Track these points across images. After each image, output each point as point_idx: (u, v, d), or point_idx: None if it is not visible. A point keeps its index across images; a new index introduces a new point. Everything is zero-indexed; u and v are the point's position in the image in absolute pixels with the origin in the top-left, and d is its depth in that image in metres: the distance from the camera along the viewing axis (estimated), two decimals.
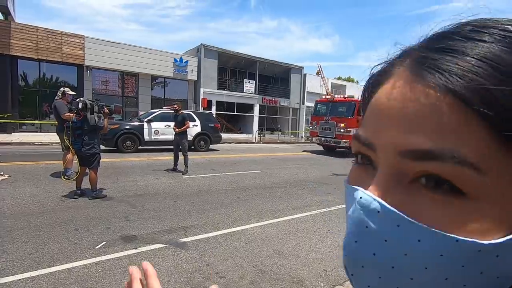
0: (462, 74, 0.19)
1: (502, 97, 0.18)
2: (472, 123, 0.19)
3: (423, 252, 0.20)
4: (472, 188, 0.19)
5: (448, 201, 0.20)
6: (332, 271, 2.83)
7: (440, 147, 0.19)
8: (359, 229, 0.23)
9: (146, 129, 10.34)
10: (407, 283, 0.22)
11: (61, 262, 2.71)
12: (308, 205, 4.92)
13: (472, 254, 0.19)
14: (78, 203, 4.36)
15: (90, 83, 15.98)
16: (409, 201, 0.21)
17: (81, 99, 4.47)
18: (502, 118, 0.18)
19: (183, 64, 18.64)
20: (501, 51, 0.19)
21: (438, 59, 0.21)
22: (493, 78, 0.18)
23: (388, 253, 0.22)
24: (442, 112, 0.19)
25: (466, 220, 0.20)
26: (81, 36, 15.27)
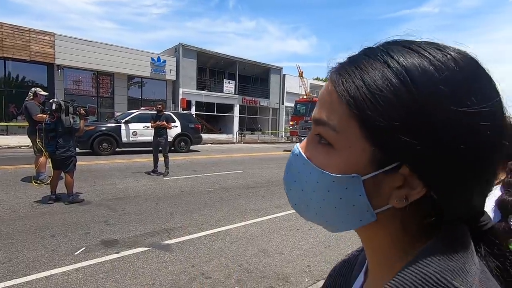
0: (345, 78, 0.31)
1: (355, 92, 0.30)
2: (342, 107, 0.31)
3: (311, 180, 0.34)
4: (335, 141, 0.32)
5: (326, 150, 0.33)
6: (315, 266, 2.92)
7: (322, 118, 0.33)
8: (289, 165, 0.37)
9: (123, 130, 10.04)
10: (309, 201, 0.35)
11: (38, 270, 2.59)
12: None
13: (330, 183, 0.32)
14: (54, 209, 4.17)
15: (61, 82, 15.25)
16: (313, 151, 0.34)
17: (54, 100, 4.28)
18: (352, 102, 0.30)
19: (160, 64, 18.25)
20: (369, 66, 0.30)
21: (341, 68, 0.33)
22: (360, 86, 0.30)
23: (299, 180, 0.35)
24: (330, 99, 0.32)
25: (329, 161, 0.32)
26: (51, 34, 14.53)
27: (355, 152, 0.30)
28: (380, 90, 0.28)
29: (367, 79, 0.29)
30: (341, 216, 0.33)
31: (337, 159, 0.31)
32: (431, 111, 0.27)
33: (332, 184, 0.32)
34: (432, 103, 0.27)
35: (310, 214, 0.36)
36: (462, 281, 0.26)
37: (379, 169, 0.30)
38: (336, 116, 0.31)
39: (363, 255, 0.46)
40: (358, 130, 0.30)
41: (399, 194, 0.30)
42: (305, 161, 0.34)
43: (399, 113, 0.27)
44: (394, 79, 0.28)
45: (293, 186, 0.36)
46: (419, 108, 0.27)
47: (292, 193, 0.37)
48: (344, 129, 0.31)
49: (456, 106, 0.26)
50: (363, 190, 0.30)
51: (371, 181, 0.30)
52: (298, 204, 0.37)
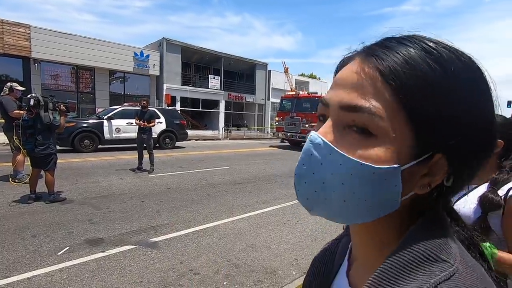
0: (387, 60, 0.30)
1: (403, 76, 0.29)
2: (384, 89, 0.30)
3: (341, 172, 0.31)
4: (378, 130, 0.30)
5: (364, 140, 0.30)
6: (302, 260, 2.98)
7: (362, 104, 0.30)
8: (306, 156, 0.33)
9: (106, 126, 9.76)
10: (331, 194, 0.32)
11: (19, 271, 2.51)
12: (277, 199, 5.06)
13: (369, 175, 0.30)
14: (34, 208, 4.03)
15: (38, 77, 14.59)
16: (341, 139, 0.32)
17: (32, 95, 4.10)
18: (399, 87, 0.29)
19: (144, 59, 17.80)
20: (412, 51, 0.30)
21: (377, 51, 0.31)
22: (401, 65, 0.29)
23: (321, 172, 0.32)
24: (369, 81, 0.30)
25: (370, 152, 0.30)
26: (26, 26, 13.83)
27: (399, 141, 0.30)
28: (427, 76, 0.28)
29: (412, 63, 0.29)
30: (367, 208, 0.32)
31: (378, 149, 0.30)
32: (468, 101, 0.29)
33: (371, 177, 0.30)
34: (469, 94, 0.29)
35: (327, 208, 0.33)
36: (447, 254, 0.30)
37: (418, 158, 0.30)
38: (380, 101, 0.29)
39: (345, 242, 0.47)
40: (404, 118, 0.29)
41: (424, 181, 0.32)
42: (333, 151, 0.31)
43: (444, 102, 0.29)
44: (437, 67, 0.29)
45: (310, 179, 0.33)
46: (459, 98, 0.29)
47: (306, 187, 0.33)
48: (391, 116, 0.29)
49: (485, 99, 0.30)
50: (400, 181, 0.30)
51: (406, 171, 0.30)
52: (311, 199, 0.34)
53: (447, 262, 0.29)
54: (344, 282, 0.42)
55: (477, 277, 0.29)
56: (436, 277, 0.28)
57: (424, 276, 0.29)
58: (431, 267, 0.29)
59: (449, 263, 0.29)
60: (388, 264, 0.31)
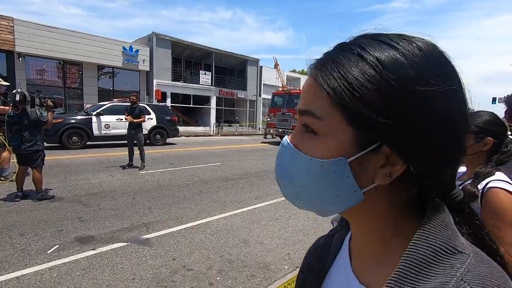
0: (324, 71, 0.34)
1: (335, 83, 0.33)
2: (324, 98, 0.34)
3: (301, 168, 0.36)
4: (320, 129, 0.34)
5: (312, 138, 0.35)
6: (295, 254, 3.01)
7: (307, 108, 0.35)
8: (279, 156, 0.39)
9: (95, 123, 9.58)
10: (301, 189, 0.36)
11: (7, 270, 2.46)
12: (269, 194, 5.09)
13: (319, 168, 0.34)
14: (21, 206, 3.94)
15: (23, 72, 14.14)
16: (301, 140, 0.36)
17: (18, 91, 3.99)
18: (334, 93, 0.33)
19: (133, 53, 17.46)
20: (346, 60, 0.33)
21: (319, 63, 0.35)
22: (335, 75, 0.33)
23: (290, 170, 0.37)
24: (312, 91, 0.35)
25: (316, 148, 0.34)
26: (9, 18, 13.36)
27: (339, 136, 0.33)
28: (357, 79, 0.31)
29: (344, 71, 0.32)
30: (332, 199, 0.35)
31: (323, 145, 0.34)
32: (402, 94, 0.30)
33: (321, 169, 0.34)
34: (402, 86, 0.30)
35: (304, 202, 0.37)
36: (461, 244, 0.31)
37: (363, 150, 0.32)
38: (319, 105, 0.34)
39: (338, 238, 0.48)
40: (340, 117, 0.33)
41: (383, 172, 0.33)
42: (293, 150, 0.36)
43: (375, 99, 0.31)
44: (369, 70, 0.31)
45: (285, 176, 0.38)
46: (392, 92, 0.30)
47: (284, 184, 0.38)
48: (328, 117, 0.33)
49: (422, 86, 0.30)
50: (350, 172, 0.33)
51: (356, 163, 0.33)
52: (291, 194, 0.38)
53: (463, 253, 0.30)
54: (345, 277, 0.42)
55: (492, 265, 0.30)
56: (459, 270, 0.29)
57: (446, 270, 0.29)
58: (449, 260, 0.30)
59: (466, 254, 0.30)
60: (407, 261, 0.31)
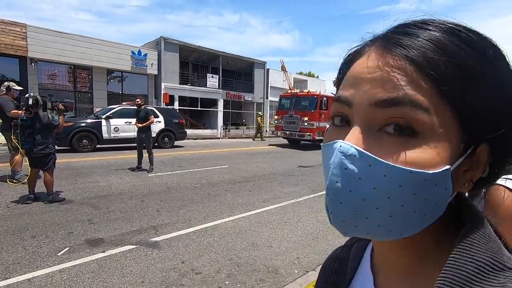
0: (417, 48, 0.27)
1: (442, 66, 0.26)
2: (422, 80, 0.26)
3: (387, 185, 0.27)
4: (423, 126, 0.26)
5: (406, 141, 0.26)
6: (304, 258, 2.97)
7: (401, 95, 0.26)
8: (339, 171, 0.28)
9: (104, 126, 9.71)
10: (374, 212, 0.28)
11: (19, 272, 2.48)
12: (278, 197, 5.05)
13: (420, 183, 0.26)
14: (33, 209, 3.99)
15: (35, 77, 14.48)
16: (377, 146, 0.27)
17: (31, 95, 4.07)
18: (441, 78, 0.26)
19: (141, 57, 17.71)
20: (440, 36, 0.27)
21: (400, 39, 0.28)
22: (436, 52, 0.26)
23: (361, 188, 0.27)
24: (403, 73, 0.26)
25: (418, 155, 0.26)
26: (22, 25, 13.72)
27: (447, 137, 0.26)
28: (464, 62, 0.26)
29: (445, 48, 0.26)
30: (415, 219, 0.28)
31: (426, 149, 0.26)
32: (507, 85, 0.27)
33: (423, 184, 0.26)
34: (505, 76, 0.27)
35: (367, 228, 0.29)
36: (509, 259, 0.27)
37: (463, 154, 0.27)
38: (422, 92, 0.26)
39: (357, 249, 0.44)
40: (449, 111, 0.26)
41: (466, 177, 0.28)
42: (374, 161, 0.27)
43: (486, 90, 0.26)
44: (471, 51, 0.26)
45: (347, 197, 0.28)
46: (498, 83, 0.27)
47: (342, 207, 0.28)
48: (437, 109, 0.26)
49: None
50: (451, 184, 0.27)
51: (454, 171, 0.27)
52: (349, 220, 0.29)
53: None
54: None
55: None
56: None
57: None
58: (498, 278, 0.25)
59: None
60: (447, 278, 0.26)
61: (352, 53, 0.33)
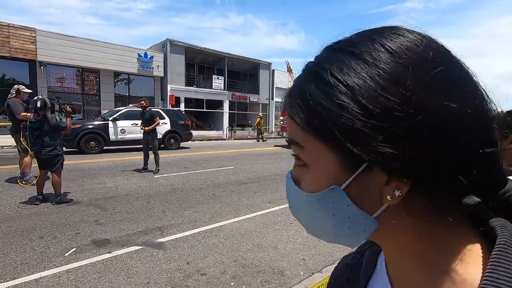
0: (295, 107, 0.31)
1: (305, 113, 0.30)
2: (297, 127, 0.31)
3: (301, 202, 0.33)
4: (305, 159, 0.32)
5: (303, 170, 0.33)
6: (310, 260, 2.94)
7: (290, 137, 0.33)
8: (288, 192, 0.37)
9: (111, 128, 9.83)
10: (313, 223, 0.34)
11: (27, 273, 2.52)
12: (283, 198, 5.02)
13: (317, 201, 0.31)
14: (41, 209, 4.05)
15: (44, 80, 14.76)
16: (297, 174, 0.34)
17: (39, 97, 4.13)
18: (310, 126, 0.30)
19: (148, 60, 17.89)
20: (304, 85, 0.31)
21: (289, 102, 0.33)
22: (299, 103, 0.31)
23: (294, 201, 0.35)
24: (291, 126, 0.33)
25: (308, 180, 0.32)
26: (32, 29, 13.99)
27: (324, 163, 0.30)
28: (320, 104, 0.29)
29: (304, 95, 0.30)
30: (345, 231, 0.31)
31: (313, 176, 0.31)
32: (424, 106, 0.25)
33: (320, 203, 0.31)
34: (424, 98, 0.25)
35: (323, 237, 0.34)
36: None
37: (353, 174, 0.28)
38: (297, 134, 0.32)
39: (368, 258, 0.42)
40: (318, 143, 0.30)
41: (389, 189, 0.27)
42: (293, 186, 0.34)
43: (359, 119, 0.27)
44: (325, 84, 0.29)
45: (298, 213, 0.35)
46: (357, 111, 0.27)
47: (302, 220, 0.35)
48: (306, 144, 0.31)
49: (449, 101, 0.25)
50: (349, 199, 0.29)
51: (353, 187, 0.29)
52: (311, 230, 0.35)
53: None
54: None
55: None
56: None
57: None
58: None
59: None
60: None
61: None
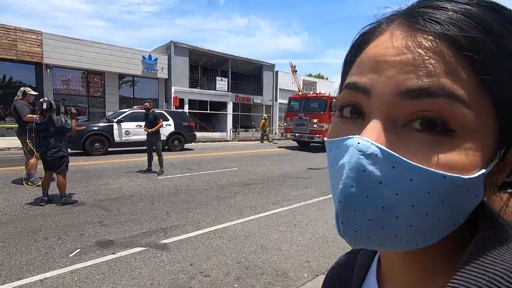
0: (455, 24, 0.22)
1: (488, 49, 0.21)
2: (462, 66, 0.21)
3: (413, 191, 0.22)
4: (461, 123, 0.22)
5: (439, 140, 0.22)
6: (314, 262, 2.92)
7: (435, 84, 0.21)
8: (356, 173, 0.23)
9: (116, 130, 9.89)
10: (392, 221, 0.23)
11: (32, 273, 2.53)
12: (287, 200, 5.01)
13: (452, 190, 0.22)
14: (46, 210, 4.08)
15: (50, 82, 14.92)
16: (402, 144, 0.23)
17: (45, 99, 4.18)
18: (483, 64, 0.21)
19: (152, 62, 18.00)
20: (480, 12, 0.22)
21: (432, 13, 0.23)
22: (477, 31, 0.21)
23: (381, 195, 0.23)
24: (439, 56, 0.22)
25: (452, 157, 0.22)
26: (38, 32, 14.17)
27: (484, 137, 0.22)
28: (507, 39, 0.21)
29: (486, 26, 0.21)
30: (436, 230, 0.24)
31: (461, 150, 0.22)
32: None
33: (454, 191, 0.22)
34: None
35: (380, 239, 0.25)
36: None
37: (495, 157, 0.23)
38: (462, 80, 0.21)
39: (363, 256, 0.40)
40: (490, 105, 0.22)
41: (491, 182, 0.25)
42: (400, 162, 0.22)
43: None
44: (508, 24, 0.22)
45: (364, 204, 0.23)
46: None
47: (357, 215, 0.24)
48: (476, 103, 0.22)
49: None
50: (482, 189, 0.23)
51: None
52: (361, 231, 0.25)
53: None
54: None
55: None
56: None
57: None
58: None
59: None
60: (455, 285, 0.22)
61: (367, 32, 0.28)
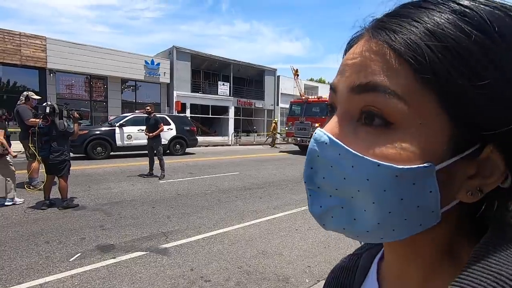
0: (400, 32, 0.24)
1: (428, 52, 0.22)
2: (401, 66, 0.23)
3: (355, 177, 0.25)
4: (398, 117, 0.23)
5: (380, 132, 0.24)
6: (315, 267, 2.89)
7: (376, 81, 0.24)
8: (312, 157, 0.27)
9: (118, 134, 9.92)
10: (348, 202, 0.26)
11: (32, 277, 2.52)
12: (288, 204, 4.98)
13: (390, 179, 0.23)
14: (47, 214, 4.08)
15: (54, 87, 15.03)
16: (354, 136, 0.26)
17: (48, 103, 4.21)
18: (422, 65, 0.22)
19: (154, 67, 18.13)
20: (439, 19, 0.23)
21: (387, 22, 0.25)
22: (424, 37, 0.23)
23: (333, 177, 0.26)
24: (382, 59, 0.24)
25: (390, 148, 0.24)
26: (42, 38, 14.33)
27: (429, 131, 0.23)
28: (460, 45, 0.22)
29: (438, 31, 0.22)
30: (394, 223, 0.25)
31: (401, 142, 0.23)
32: None
33: (393, 181, 0.23)
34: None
35: (343, 219, 0.27)
36: None
37: (458, 154, 0.23)
38: (399, 79, 0.23)
39: (365, 260, 0.40)
40: (434, 99, 0.22)
41: (472, 185, 0.24)
42: (342, 150, 0.25)
43: (488, 73, 0.21)
44: (474, 30, 0.22)
45: (323, 183, 0.27)
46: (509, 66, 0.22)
47: (320, 192, 0.28)
48: (414, 98, 0.23)
49: None
50: (436, 185, 0.23)
51: (444, 172, 0.23)
52: (327, 206, 0.28)
53: None
54: None
55: None
56: None
57: None
58: None
59: None
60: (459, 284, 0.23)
61: (352, 39, 0.31)
